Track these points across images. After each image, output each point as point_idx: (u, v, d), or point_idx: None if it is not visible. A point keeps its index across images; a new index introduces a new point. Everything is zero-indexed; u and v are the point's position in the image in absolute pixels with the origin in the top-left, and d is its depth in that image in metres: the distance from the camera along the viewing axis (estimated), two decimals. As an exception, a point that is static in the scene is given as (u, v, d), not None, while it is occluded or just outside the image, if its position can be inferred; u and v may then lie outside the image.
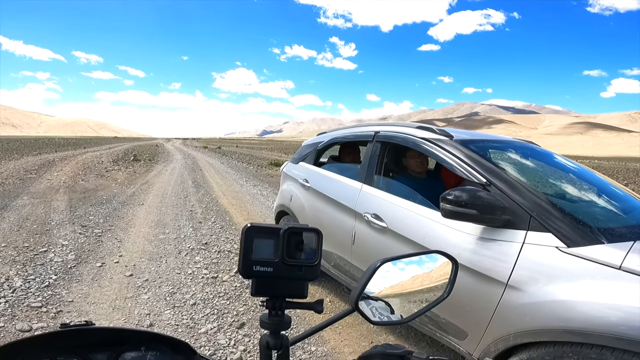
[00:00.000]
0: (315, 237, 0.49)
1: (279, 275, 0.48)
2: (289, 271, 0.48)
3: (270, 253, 0.48)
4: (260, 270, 0.48)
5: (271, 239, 0.49)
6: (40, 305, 2.75)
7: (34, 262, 3.63)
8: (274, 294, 0.50)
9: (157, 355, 0.60)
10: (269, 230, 0.49)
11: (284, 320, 0.51)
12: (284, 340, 0.51)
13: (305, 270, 0.49)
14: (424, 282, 0.66)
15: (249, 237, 0.48)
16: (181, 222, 5.56)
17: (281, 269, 0.48)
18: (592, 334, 1.26)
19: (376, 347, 0.54)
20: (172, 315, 2.72)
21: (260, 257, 0.48)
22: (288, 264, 0.48)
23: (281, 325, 0.51)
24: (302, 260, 0.49)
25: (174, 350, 0.62)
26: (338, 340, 2.50)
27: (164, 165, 15.34)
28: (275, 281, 0.49)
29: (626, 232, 1.51)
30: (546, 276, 1.45)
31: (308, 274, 0.49)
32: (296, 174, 3.39)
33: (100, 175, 10.68)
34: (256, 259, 0.48)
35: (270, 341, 0.51)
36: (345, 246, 2.59)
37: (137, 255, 3.99)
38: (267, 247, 0.48)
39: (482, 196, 1.62)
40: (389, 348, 0.53)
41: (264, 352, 0.51)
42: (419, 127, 2.38)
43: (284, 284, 0.50)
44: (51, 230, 4.81)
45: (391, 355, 0.51)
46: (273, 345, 0.51)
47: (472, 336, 1.71)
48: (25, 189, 7.84)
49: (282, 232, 0.48)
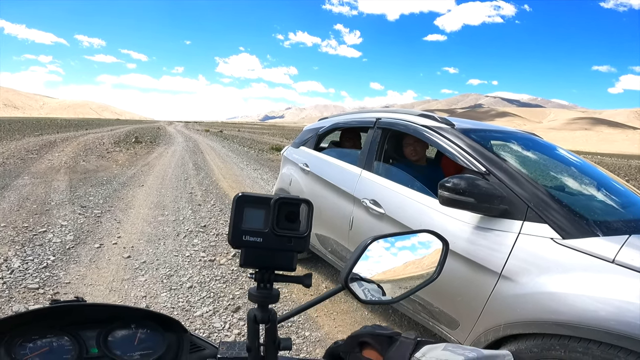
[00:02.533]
0: (306, 208, 0.47)
1: (268, 246, 0.47)
2: (278, 242, 0.47)
3: (260, 223, 0.46)
4: (249, 240, 0.46)
5: (262, 209, 0.47)
6: (38, 287, 2.68)
7: (33, 243, 3.55)
8: (262, 265, 0.48)
9: (148, 332, 0.60)
10: (260, 200, 0.47)
11: (272, 294, 0.49)
12: (271, 315, 0.49)
13: (294, 242, 0.47)
14: (414, 263, 0.64)
15: (239, 207, 0.46)
16: (180, 204, 5.47)
17: (271, 240, 0.46)
18: (580, 327, 1.22)
19: (365, 328, 0.53)
20: (169, 298, 2.66)
21: (250, 226, 0.46)
22: (278, 235, 0.46)
23: (269, 298, 0.49)
24: (292, 231, 0.47)
25: (165, 328, 0.61)
26: (332, 326, 2.45)
27: (165, 148, 15.16)
28: (265, 252, 0.47)
29: (622, 226, 1.46)
30: (539, 267, 1.40)
31: (297, 245, 0.48)
32: (296, 158, 3.32)
33: (101, 157, 10.52)
34: (246, 229, 0.46)
35: (258, 314, 0.48)
36: (342, 232, 2.52)
37: (135, 237, 3.91)
38: (257, 217, 0.46)
39: (480, 185, 1.57)
40: (378, 329, 0.52)
41: (252, 325, 0.49)
42: (421, 114, 2.32)
43: (273, 256, 0.48)
44: (51, 210, 4.71)
45: (380, 335, 0.50)
46: (260, 319, 0.48)
47: (464, 326, 1.68)
48: (26, 169, 7.71)
49: (272, 202, 0.46)
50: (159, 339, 0.60)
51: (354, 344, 0.52)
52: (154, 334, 0.60)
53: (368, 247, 0.58)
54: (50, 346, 0.54)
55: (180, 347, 0.61)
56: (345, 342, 0.54)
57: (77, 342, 0.56)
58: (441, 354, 0.42)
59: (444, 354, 0.42)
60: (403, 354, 0.45)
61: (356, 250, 0.58)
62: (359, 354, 0.51)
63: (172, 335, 0.61)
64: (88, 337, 0.57)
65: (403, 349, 0.46)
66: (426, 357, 0.43)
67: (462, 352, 0.41)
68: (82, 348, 0.56)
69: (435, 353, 0.43)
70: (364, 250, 0.58)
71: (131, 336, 0.59)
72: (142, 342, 0.59)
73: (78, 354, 0.55)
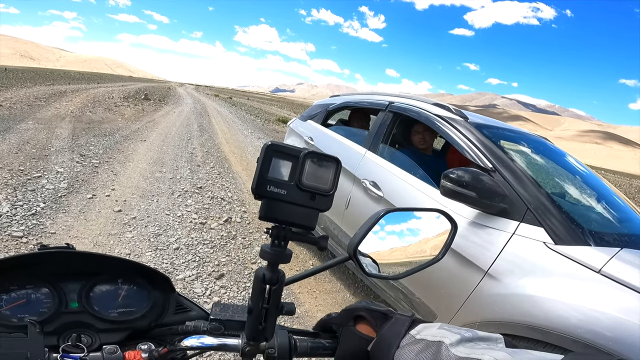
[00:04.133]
0: (334, 166, 0.44)
1: (291, 200, 0.43)
2: (301, 197, 0.43)
3: (286, 175, 0.43)
4: (273, 191, 0.42)
5: (290, 160, 0.43)
6: (22, 235, 2.55)
7: (25, 188, 3.40)
8: (282, 219, 0.44)
9: (134, 289, 0.57)
10: (289, 150, 0.43)
11: (285, 253, 0.45)
12: (280, 276, 0.45)
13: (318, 199, 0.43)
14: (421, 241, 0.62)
15: (267, 155, 0.42)
16: (180, 163, 5.31)
17: (295, 194, 0.43)
18: (551, 332, 1.20)
19: (361, 302, 0.51)
20: (153, 257, 2.53)
21: (276, 177, 0.42)
22: (302, 189, 0.42)
23: (282, 258, 0.45)
24: (317, 187, 0.43)
25: (152, 285, 0.58)
26: (313, 304, 2.34)
27: (173, 107, 14.86)
28: (286, 206, 0.43)
29: (615, 239, 1.43)
30: (525, 269, 1.37)
31: (321, 203, 0.44)
32: (302, 131, 3.18)
33: (108, 109, 10.28)
34: (271, 179, 0.42)
35: (267, 274, 0.44)
36: (338, 210, 2.37)
37: (129, 191, 3.77)
38: (284, 168, 0.43)
39: (484, 180, 1.52)
40: (373, 304, 0.50)
41: (259, 285, 0.44)
42: (436, 104, 2.20)
43: (294, 211, 0.43)
44: (49, 156, 4.56)
45: (376, 311, 0.48)
46: (269, 279, 0.44)
47: (441, 319, 1.63)
48: (31, 114, 7.50)
49: (302, 155, 0.42)
50: (144, 296, 0.57)
51: (348, 318, 0.50)
52: (140, 291, 0.57)
53: (380, 219, 0.55)
54: (27, 298, 0.51)
55: (165, 306, 0.58)
56: (339, 315, 0.51)
57: (58, 294, 0.53)
58: (437, 332, 0.41)
59: (440, 332, 0.41)
60: (398, 331, 0.44)
61: (368, 221, 0.54)
62: (352, 328, 0.49)
63: (159, 294, 0.58)
64: (70, 290, 0.54)
65: (398, 326, 0.44)
66: (421, 334, 0.42)
67: (457, 331, 0.40)
68: (61, 301, 0.53)
69: (431, 331, 0.41)
70: (376, 222, 0.54)
71: (115, 291, 0.56)
72: (125, 298, 0.56)
73: (56, 307, 0.52)
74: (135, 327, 0.56)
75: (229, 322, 0.50)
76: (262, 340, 0.47)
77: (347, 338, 0.48)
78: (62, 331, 0.52)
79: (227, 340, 0.49)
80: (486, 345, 0.38)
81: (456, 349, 0.37)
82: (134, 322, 0.56)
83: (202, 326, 0.52)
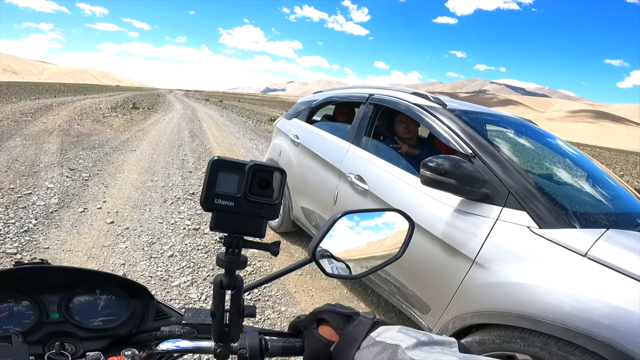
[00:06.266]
0: (279, 176, 0.45)
1: (239, 211, 0.44)
2: (249, 207, 0.44)
3: (233, 187, 0.44)
4: (221, 203, 0.44)
5: (236, 174, 0.44)
6: (16, 252, 2.55)
7: (17, 205, 3.39)
8: (232, 229, 0.46)
9: (112, 298, 0.59)
10: (235, 165, 0.44)
11: (239, 260, 0.46)
12: (237, 281, 0.47)
13: (265, 208, 0.45)
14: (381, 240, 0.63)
15: (214, 170, 0.43)
16: (171, 171, 5.29)
17: (242, 205, 0.44)
18: (542, 321, 1.17)
19: (327, 305, 0.53)
20: (147, 266, 2.54)
21: (223, 190, 0.44)
22: (249, 200, 0.44)
23: (237, 264, 0.46)
24: (264, 197, 0.44)
25: (130, 294, 0.60)
26: (309, 302, 2.35)
27: (162, 114, 14.76)
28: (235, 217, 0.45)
29: (602, 219, 1.39)
30: (511, 256, 1.33)
31: (268, 212, 0.45)
32: (288, 130, 3.18)
33: (96, 121, 10.19)
34: (219, 192, 0.43)
35: (224, 280, 0.46)
36: (327, 206, 2.39)
37: (121, 202, 3.76)
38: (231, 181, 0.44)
39: (463, 166, 1.49)
40: (339, 307, 0.52)
41: (217, 291, 0.47)
42: (414, 93, 2.20)
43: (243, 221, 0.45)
44: (39, 172, 4.53)
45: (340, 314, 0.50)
46: (227, 285, 0.46)
47: (434, 311, 1.62)
48: (18, 130, 7.43)
49: (247, 168, 0.44)
50: (124, 305, 0.59)
51: (312, 320, 0.52)
52: (119, 300, 0.59)
53: (337, 221, 0.57)
54: (10, 310, 0.53)
55: (144, 314, 0.60)
56: (306, 317, 0.54)
57: (38, 306, 0.54)
58: (395, 335, 0.43)
59: (398, 335, 0.42)
60: (360, 332, 0.45)
61: (326, 223, 0.56)
62: (315, 330, 0.51)
63: (138, 302, 0.60)
64: (50, 302, 0.55)
65: (360, 328, 0.46)
66: (381, 336, 0.43)
67: (414, 335, 0.42)
68: (42, 313, 0.54)
69: (390, 334, 0.43)
70: (333, 224, 0.56)
71: (94, 301, 0.58)
72: (105, 307, 0.58)
73: (38, 318, 0.54)
74: (117, 334, 0.58)
75: (201, 325, 0.53)
76: (229, 342, 0.49)
77: (309, 340, 0.50)
78: (47, 340, 0.54)
79: (200, 343, 0.52)
80: (440, 349, 0.40)
81: (412, 352, 0.39)
82: (115, 330, 0.58)
83: (176, 330, 0.55)
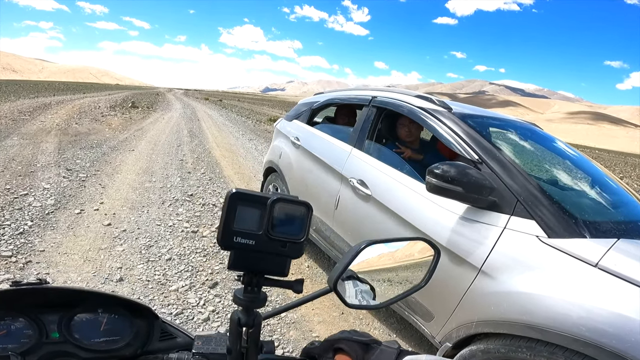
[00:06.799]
0: (304, 211, 0.42)
1: (260, 249, 0.42)
2: (271, 246, 0.42)
3: (254, 224, 0.41)
4: (241, 242, 0.41)
5: (257, 208, 0.41)
6: (10, 255, 2.50)
7: (12, 206, 3.34)
8: (252, 269, 0.43)
9: (115, 318, 0.56)
10: (256, 198, 0.41)
11: (259, 297, 0.44)
12: (256, 318, 0.45)
13: (289, 247, 0.42)
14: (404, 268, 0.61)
15: (232, 204, 0.41)
16: (170, 171, 5.25)
17: (264, 243, 0.41)
18: (549, 331, 1.15)
19: (343, 332, 0.51)
20: (145, 270, 2.50)
21: (243, 227, 0.41)
22: (272, 238, 0.41)
23: (256, 303, 0.44)
24: (288, 235, 0.42)
25: (134, 313, 0.57)
26: (309, 308, 2.31)
27: (162, 114, 14.70)
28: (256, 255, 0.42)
29: (611, 228, 1.36)
30: (519, 265, 1.31)
31: (292, 251, 0.43)
32: (289, 131, 3.12)
33: (95, 120, 10.13)
34: (238, 230, 0.41)
35: (242, 318, 0.44)
36: (328, 211, 2.35)
37: (118, 204, 3.71)
38: (251, 217, 0.41)
39: (470, 173, 1.44)
40: (356, 335, 0.50)
41: (235, 328, 0.45)
42: (418, 96, 2.14)
43: (264, 259, 0.43)
44: (35, 172, 4.48)
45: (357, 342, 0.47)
46: (245, 323, 0.44)
47: (438, 319, 1.59)
48: (16, 129, 7.37)
49: (269, 203, 0.41)
50: (127, 324, 0.57)
51: (328, 348, 0.50)
52: (122, 320, 0.56)
53: (361, 251, 0.54)
54: (7, 329, 0.51)
55: (149, 334, 0.58)
56: (321, 345, 0.52)
57: (37, 325, 0.53)
58: None
59: None
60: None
61: (348, 253, 0.54)
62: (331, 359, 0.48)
63: (142, 322, 0.58)
64: (49, 321, 0.53)
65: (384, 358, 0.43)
66: None
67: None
68: (42, 332, 0.53)
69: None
70: (357, 254, 0.53)
71: (96, 321, 0.55)
72: (108, 327, 0.56)
73: (37, 338, 0.52)
74: (121, 355, 0.56)
75: (212, 355, 0.50)
76: None
77: None
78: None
79: None
80: None
81: None
82: (118, 351, 0.56)
83: (185, 358, 0.52)
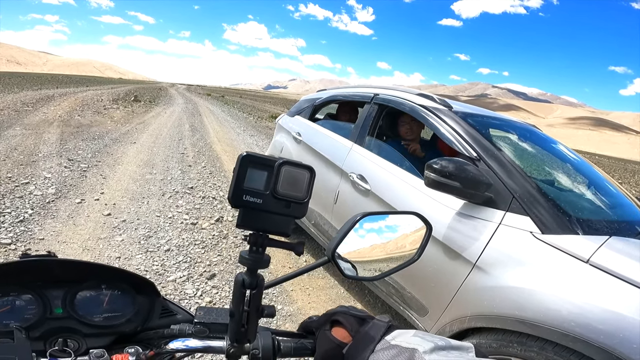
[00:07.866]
0: (308, 174, 0.45)
1: (266, 209, 0.44)
2: (277, 205, 0.44)
3: (261, 184, 0.43)
4: (249, 200, 0.43)
5: (265, 170, 0.43)
6: (10, 242, 2.51)
7: (13, 195, 3.35)
8: (258, 227, 0.45)
9: (118, 294, 0.58)
10: (265, 161, 0.43)
11: (263, 258, 0.46)
12: (259, 280, 0.46)
13: (293, 207, 0.45)
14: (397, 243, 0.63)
15: (243, 166, 0.43)
16: (170, 164, 5.26)
17: (270, 202, 0.43)
18: (540, 326, 1.17)
19: (341, 307, 0.52)
20: (143, 260, 2.51)
21: (252, 186, 0.43)
22: (277, 198, 0.43)
23: (260, 263, 0.46)
24: (292, 196, 0.44)
25: (137, 290, 0.59)
26: (305, 301, 2.32)
27: (164, 108, 14.71)
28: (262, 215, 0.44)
29: (604, 227, 1.39)
30: (513, 261, 1.33)
31: (296, 210, 0.45)
32: (290, 127, 3.15)
33: (97, 112, 10.15)
34: (247, 188, 0.43)
35: (247, 279, 0.46)
36: (327, 205, 2.36)
37: (119, 194, 3.73)
38: (259, 177, 0.43)
39: (468, 169, 1.48)
40: (353, 310, 0.51)
41: (238, 289, 0.46)
42: (420, 94, 2.17)
43: (270, 219, 0.45)
44: (37, 162, 4.49)
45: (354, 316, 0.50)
46: (249, 284, 0.46)
47: (432, 313, 1.61)
48: (19, 120, 7.39)
49: (276, 165, 0.43)
50: (129, 301, 0.58)
51: (325, 321, 0.51)
52: (124, 296, 0.58)
53: (357, 222, 0.56)
54: (12, 305, 0.52)
55: (150, 311, 0.59)
56: (318, 318, 0.53)
57: (42, 301, 0.53)
58: (411, 339, 0.42)
59: (415, 339, 0.41)
60: (374, 335, 0.45)
61: (345, 224, 0.56)
62: (327, 332, 0.50)
63: (144, 299, 0.59)
64: (54, 297, 0.54)
65: (374, 331, 0.45)
66: (396, 340, 0.43)
67: (431, 339, 0.41)
68: (46, 307, 0.53)
69: (406, 338, 0.42)
70: (353, 226, 0.56)
71: (100, 297, 0.57)
72: (110, 303, 0.57)
73: (41, 314, 0.53)
74: (121, 331, 0.57)
75: (213, 324, 0.51)
76: (245, 342, 0.49)
77: (321, 341, 0.50)
78: (49, 336, 0.53)
79: (211, 343, 0.51)
80: (458, 354, 0.40)
81: (429, 357, 0.38)
82: (120, 327, 0.57)
83: (187, 329, 0.53)
